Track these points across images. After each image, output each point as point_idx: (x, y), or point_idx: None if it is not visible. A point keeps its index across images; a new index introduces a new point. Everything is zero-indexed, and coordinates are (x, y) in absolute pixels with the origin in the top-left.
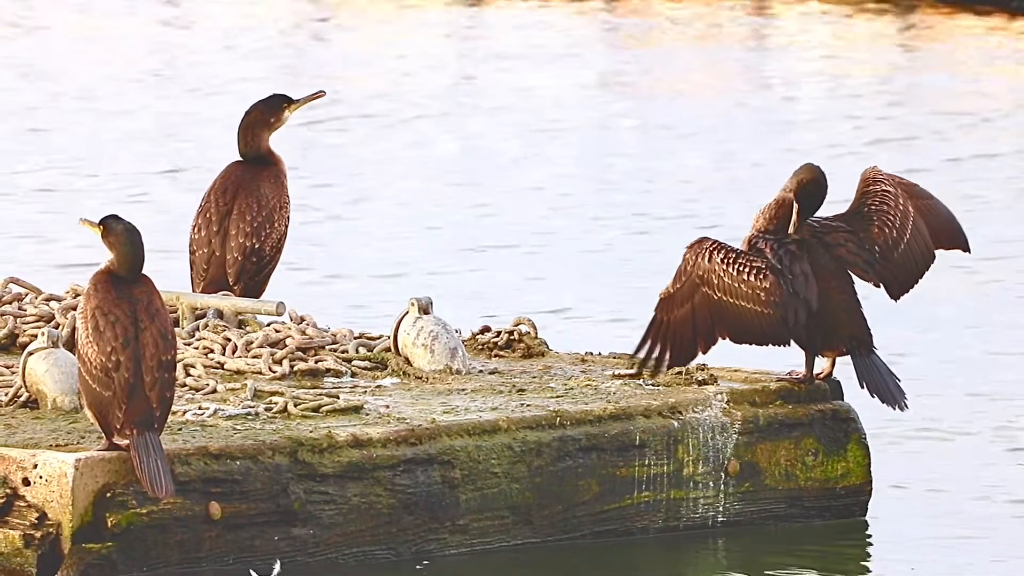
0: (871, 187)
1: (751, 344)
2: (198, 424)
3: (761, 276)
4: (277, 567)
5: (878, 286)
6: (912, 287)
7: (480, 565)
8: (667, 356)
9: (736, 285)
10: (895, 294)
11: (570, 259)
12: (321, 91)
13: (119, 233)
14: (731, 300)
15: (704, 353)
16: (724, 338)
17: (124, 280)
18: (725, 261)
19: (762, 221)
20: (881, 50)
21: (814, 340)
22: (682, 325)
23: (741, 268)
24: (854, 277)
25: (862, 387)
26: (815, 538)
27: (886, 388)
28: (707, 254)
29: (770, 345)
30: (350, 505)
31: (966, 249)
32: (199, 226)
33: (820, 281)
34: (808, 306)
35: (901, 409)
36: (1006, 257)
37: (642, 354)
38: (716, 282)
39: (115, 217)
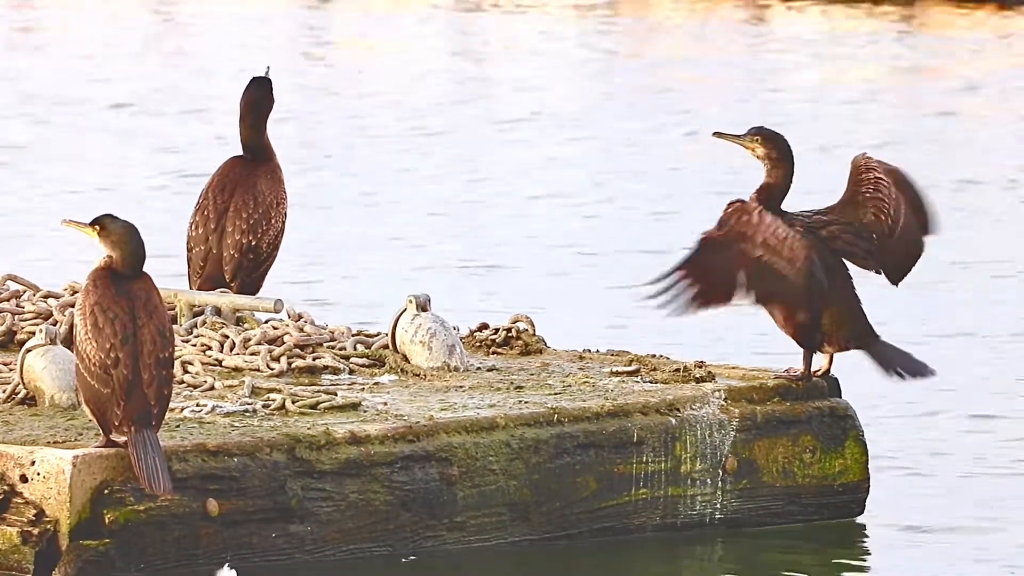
0: (864, 175)
1: (772, 306)
2: (196, 421)
3: (799, 241)
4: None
5: (878, 273)
6: (910, 271)
7: (478, 562)
8: (689, 294)
9: (777, 245)
10: (895, 279)
11: (569, 256)
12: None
13: (121, 233)
14: (769, 258)
15: (725, 304)
16: (750, 293)
17: (122, 277)
18: (773, 223)
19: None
20: (879, 44)
21: (814, 336)
22: (715, 269)
23: (785, 231)
24: (853, 268)
25: (887, 372)
26: (812, 535)
27: (911, 363)
28: (754, 213)
29: (792, 307)
30: (348, 502)
31: (932, 232)
32: (196, 223)
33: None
34: (822, 286)
35: (933, 375)
36: (1008, 261)
37: (665, 283)
38: (760, 239)
39: (111, 216)
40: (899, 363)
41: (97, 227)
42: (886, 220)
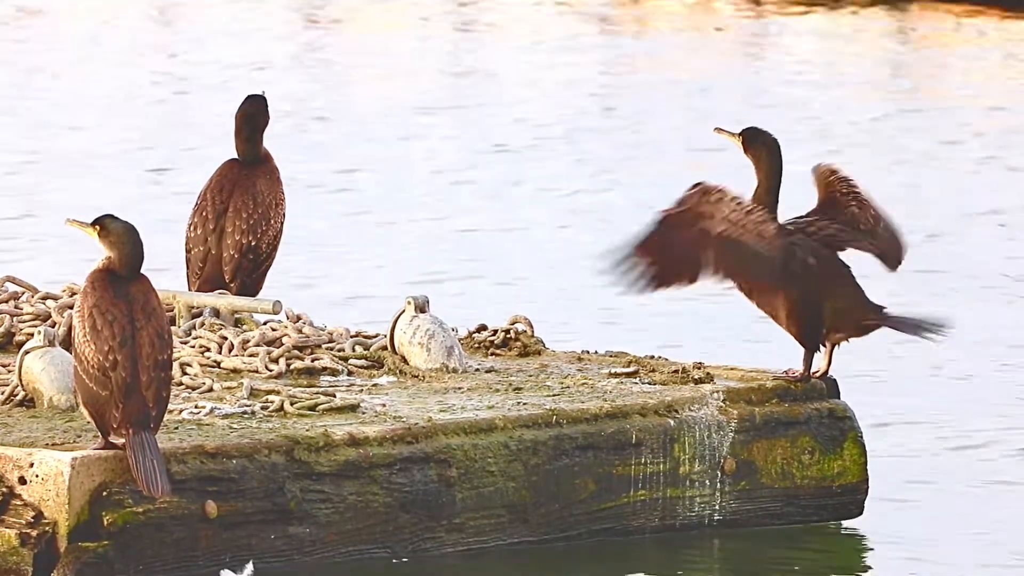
0: (831, 177)
1: (746, 280)
2: (194, 423)
3: (767, 220)
4: (250, 567)
5: (879, 256)
6: (903, 259)
7: (476, 564)
8: (649, 272)
9: (741, 220)
10: (892, 264)
11: (567, 256)
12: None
13: (119, 233)
14: (734, 233)
15: (687, 283)
16: (717, 271)
17: (121, 278)
18: (736, 198)
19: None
20: (877, 46)
21: (817, 330)
22: (675, 247)
23: (751, 205)
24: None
25: (915, 334)
26: (811, 537)
27: (929, 321)
28: (715, 191)
29: (767, 281)
30: (346, 504)
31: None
32: (195, 224)
33: (819, 271)
34: (806, 264)
35: (951, 325)
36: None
37: (622, 261)
38: (721, 215)
39: (111, 216)
40: (920, 323)
41: (97, 227)
42: (868, 211)
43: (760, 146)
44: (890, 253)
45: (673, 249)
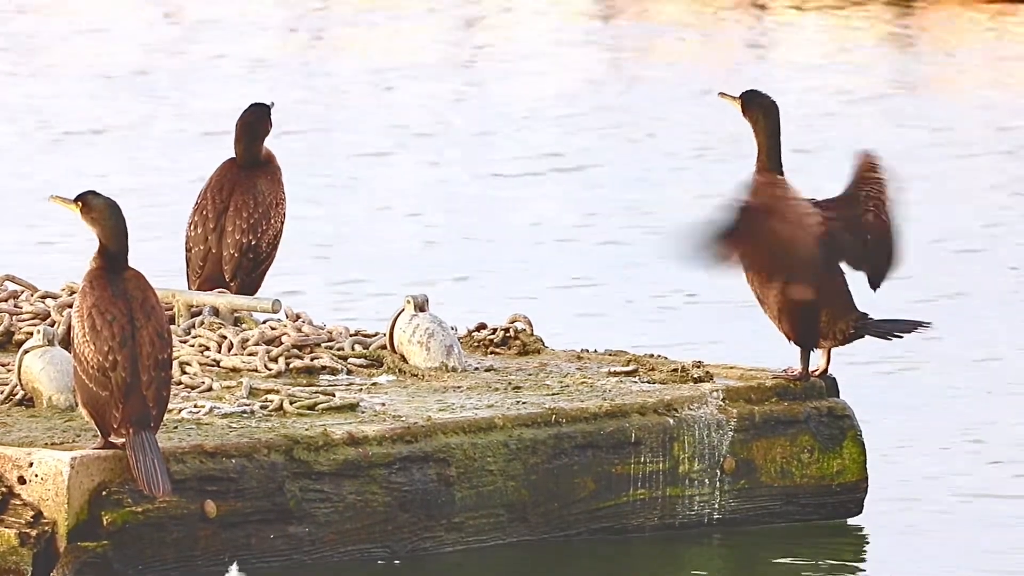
0: (868, 173)
1: (772, 298)
2: (194, 422)
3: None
4: (234, 570)
5: (865, 271)
6: (888, 277)
7: (476, 563)
8: (719, 254)
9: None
10: (875, 283)
11: (567, 256)
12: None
13: (101, 209)
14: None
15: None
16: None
17: (117, 275)
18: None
19: None
20: (879, 44)
21: (811, 333)
22: (751, 239)
23: (807, 205)
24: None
25: (889, 338)
26: (811, 536)
27: (905, 324)
28: (776, 185)
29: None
30: (346, 503)
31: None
32: (195, 223)
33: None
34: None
35: (928, 325)
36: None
37: (701, 244)
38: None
39: (93, 192)
40: (896, 327)
41: (79, 203)
42: (885, 221)
43: (757, 108)
44: (879, 271)
45: (749, 240)
